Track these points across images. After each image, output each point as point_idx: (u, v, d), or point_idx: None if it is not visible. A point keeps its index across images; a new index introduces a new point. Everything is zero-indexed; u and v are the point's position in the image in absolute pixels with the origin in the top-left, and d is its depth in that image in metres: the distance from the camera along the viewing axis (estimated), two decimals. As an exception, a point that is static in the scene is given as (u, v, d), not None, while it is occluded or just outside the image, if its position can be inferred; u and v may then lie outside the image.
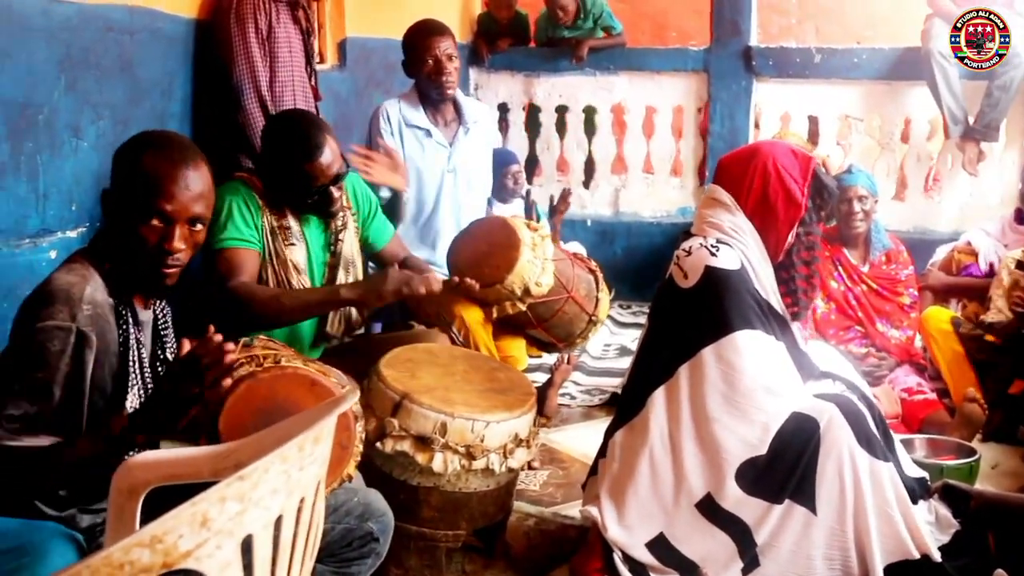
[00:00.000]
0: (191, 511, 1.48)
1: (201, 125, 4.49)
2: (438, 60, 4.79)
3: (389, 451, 3.28)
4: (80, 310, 2.47)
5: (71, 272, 2.54)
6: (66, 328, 2.44)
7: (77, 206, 3.67)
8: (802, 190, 3.39)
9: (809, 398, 3.33)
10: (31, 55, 3.43)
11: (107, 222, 2.66)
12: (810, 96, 7.61)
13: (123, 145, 2.67)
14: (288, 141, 3.64)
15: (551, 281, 4.18)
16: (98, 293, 2.53)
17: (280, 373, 2.75)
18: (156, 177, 2.55)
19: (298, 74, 4.59)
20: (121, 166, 2.62)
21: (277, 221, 3.69)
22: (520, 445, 3.44)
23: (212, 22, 4.46)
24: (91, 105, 3.76)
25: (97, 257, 2.62)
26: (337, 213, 3.81)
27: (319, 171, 3.63)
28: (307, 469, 1.72)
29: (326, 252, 3.85)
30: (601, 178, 8.12)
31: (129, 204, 2.56)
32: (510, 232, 4.19)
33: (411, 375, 3.48)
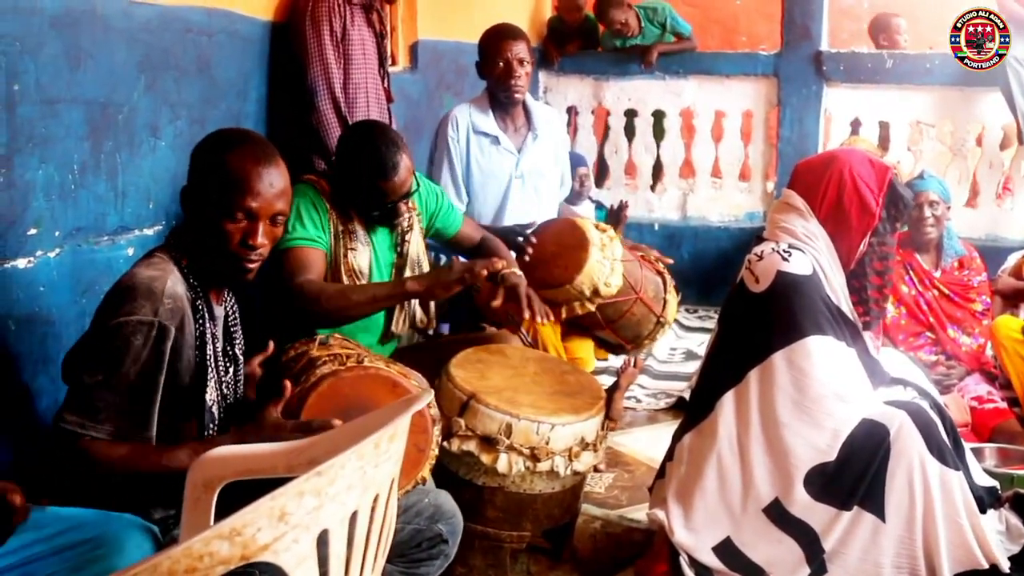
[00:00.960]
0: (270, 505, 1.50)
1: (275, 126, 4.53)
2: (508, 63, 4.79)
3: (455, 450, 3.30)
4: (162, 304, 2.50)
5: (151, 267, 2.58)
6: (148, 322, 2.48)
7: (154, 204, 3.71)
8: (877, 200, 3.35)
9: (879, 405, 3.30)
10: (112, 56, 3.47)
11: (187, 219, 2.69)
12: (881, 102, 7.52)
13: (202, 143, 2.71)
14: (364, 157, 3.66)
15: (620, 282, 4.19)
16: (178, 287, 2.57)
17: (363, 373, 2.79)
18: (241, 175, 2.59)
19: (371, 76, 4.62)
20: (203, 164, 2.65)
21: (343, 225, 3.72)
22: (586, 448, 3.43)
23: (288, 24, 4.51)
24: (169, 105, 3.81)
25: (176, 252, 2.65)
26: (403, 222, 3.84)
27: (391, 189, 3.66)
28: (382, 466, 1.73)
29: (392, 252, 3.87)
30: (669, 182, 8.09)
31: (213, 201, 2.59)
32: (579, 233, 4.20)
33: (480, 376, 3.49)
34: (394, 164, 3.64)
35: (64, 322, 3.24)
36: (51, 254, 3.21)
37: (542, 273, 4.07)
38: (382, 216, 3.75)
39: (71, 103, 3.28)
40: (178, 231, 2.73)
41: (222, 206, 2.59)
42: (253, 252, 2.64)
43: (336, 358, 2.83)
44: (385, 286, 3.69)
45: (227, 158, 2.61)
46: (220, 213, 2.60)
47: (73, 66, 3.27)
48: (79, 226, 3.34)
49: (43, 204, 3.17)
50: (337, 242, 3.69)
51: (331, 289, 3.60)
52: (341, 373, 2.75)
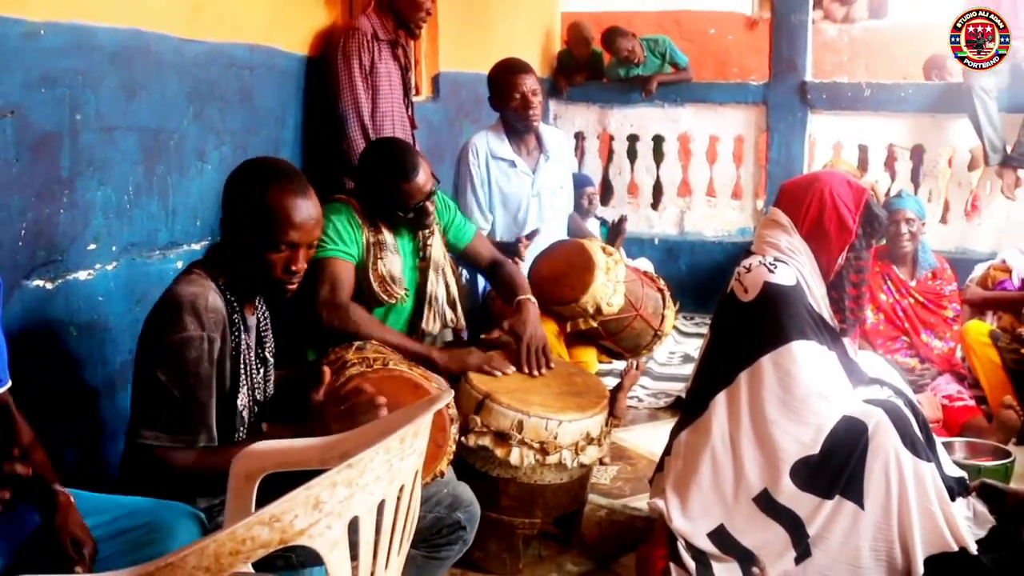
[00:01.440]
0: (306, 494, 1.51)
1: (310, 151, 4.55)
2: (525, 96, 4.77)
3: (472, 445, 3.32)
4: (207, 318, 2.51)
5: (192, 283, 2.58)
6: (199, 336, 2.49)
7: (201, 222, 3.73)
8: (854, 218, 3.36)
9: (859, 403, 3.30)
10: (164, 88, 3.49)
11: (228, 244, 2.68)
12: (860, 127, 7.52)
13: (238, 177, 2.69)
14: (387, 164, 3.66)
15: (622, 301, 4.19)
16: (217, 301, 2.58)
17: (387, 375, 2.80)
18: (282, 211, 2.58)
19: (397, 105, 4.63)
20: (242, 199, 2.63)
21: (374, 237, 3.71)
22: (591, 443, 3.44)
23: (322, 59, 4.53)
24: (215, 132, 3.82)
25: (213, 270, 2.66)
26: (430, 226, 3.84)
27: (415, 189, 3.65)
28: (407, 459, 1.74)
29: (416, 257, 3.86)
30: (668, 200, 8.08)
31: (255, 234, 2.59)
32: (586, 256, 4.20)
33: (495, 378, 3.50)
34: (414, 165, 3.64)
35: (120, 329, 3.25)
36: (108, 267, 3.23)
37: (551, 290, 4.09)
38: (413, 219, 3.73)
39: (127, 131, 3.30)
40: (217, 249, 2.73)
41: (266, 239, 2.59)
42: (295, 277, 2.66)
43: (365, 360, 2.84)
44: (414, 343, 3.66)
45: (267, 194, 2.59)
46: (263, 245, 2.60)
47: (129, 97, 3.30)
48: (133, 241, 3.36)
49: (101, 222, 3.19)
50: (368, 253, 3.67)
51: (369, 325, 3.56)
52: (368, 374, 2.76)
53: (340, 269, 3.61)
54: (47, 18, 2.89)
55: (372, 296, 3.68)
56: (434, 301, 3.85)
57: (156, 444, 2.44)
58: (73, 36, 3.01)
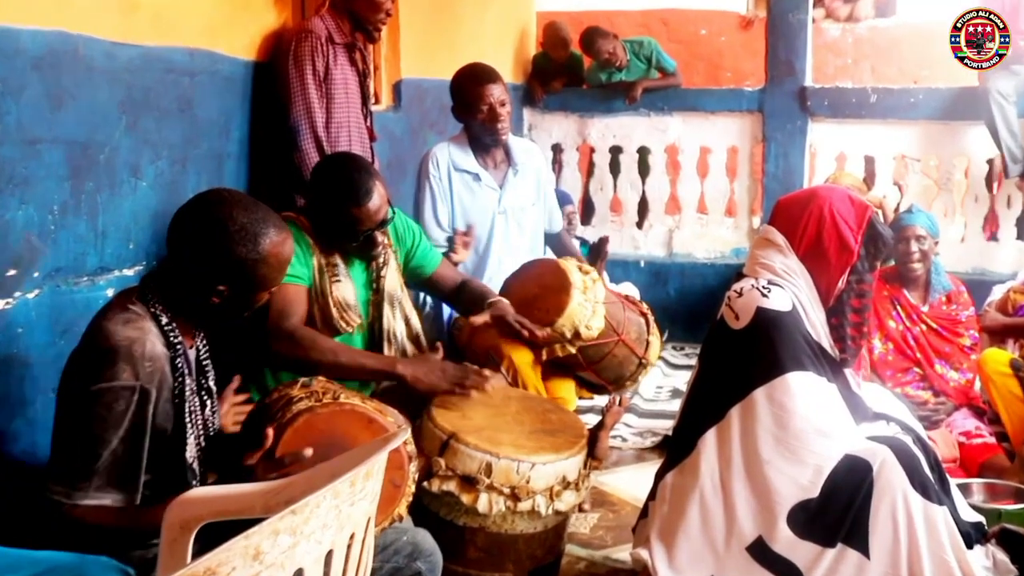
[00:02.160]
0: (244, 544, 1.51)
1: (257, 165, 4.56)
2: (492, 108, 4.79)
3: (436, 490, 3.31)
4: (142, 368, 2.54)
5: (129, 325, 2.59)
6: (130, 387, 2.52)
7: (135, 244, 3.72)
8: (856, 238, 3.39)
9: (862, 440, 3.32)
10: (94, 96, 3.49)
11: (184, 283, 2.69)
12: (866, 136, 7.60)
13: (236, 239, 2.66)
14: (338, 185, 3.68)
15: (601, 324, 4.19)
16: (157, 347, 2.60)
17: (338, 409, 2.80)
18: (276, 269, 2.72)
19: (354, 115, 4.66)
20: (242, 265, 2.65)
21: (326, 259, 3.73)
22: (568, 487, 3.44)
23: (270, 64, 4.55)
24: (150, 145, 3.83)
25: (153, 306, 2.66)
26: (379, 256, 3.85)
27: (366, 216, 3.67)
28: (357, 505, 1.75)
29: (369, 290, 3.88)
30: (655, 218, 8.13)
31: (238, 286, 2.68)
32: (561, 275, 4.21)
33: (462, 415, 3.51)
34: (367, 190, 3.66)
35: (42, 364, 3.25)
36: (30, 295, 3.22)
37: (524, 314, 4.09)
38: (359, 247, 3.76)
39: (52, 143, 3.30)
40: (155, 279, 2.73)
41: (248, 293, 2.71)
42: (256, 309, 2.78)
43: (313, 395, 2.85)
44: (374, 358, 3.69)
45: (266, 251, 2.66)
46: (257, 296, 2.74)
47: (55, 106, 3.30)
48: (58, 267, 3.35)
49: (22, 245, 3.18)
50: (322, 276, 3.70)
51: (324, 345, 3.60)
52: (316, 409, 2.77)
53: (290, 294, 3.62)
54: (-38, 20, 2.90)
55: (328, 323, 3.70)
56: (393, 337, 3.88)
57: (66, 501, 2.46)
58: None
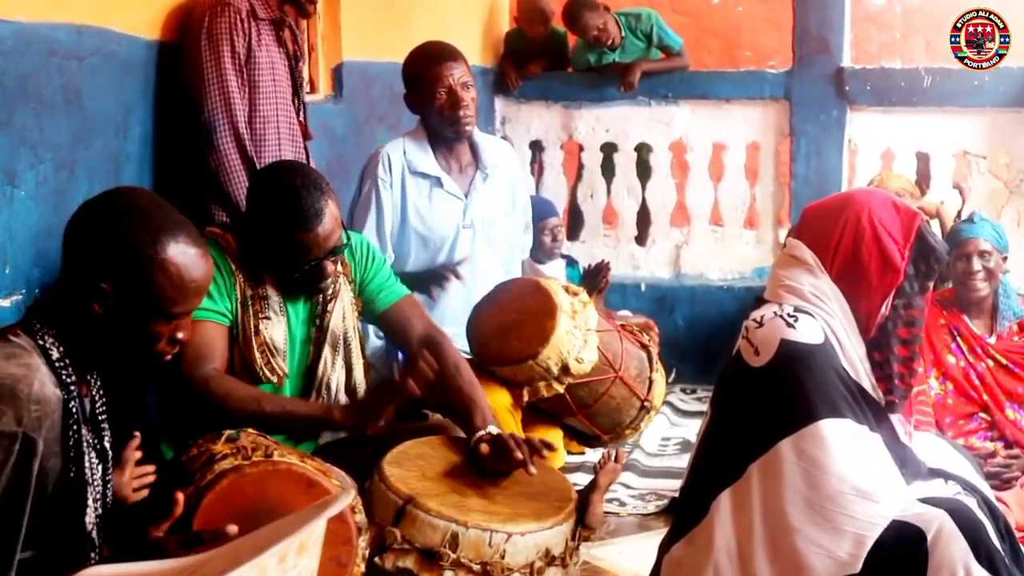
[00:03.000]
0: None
1: (163, 169, 4.56)
2: (452, 91, 4.83)
3: (390, 567, 3.32)
4: (27, 412, 2.49)
5: (12, 361, 2.57)
6: (11, 434, 2.46)
7: (12, 269, 3.68)
8: (902, 253, 3.38)
9: (913, 503, 3.32)
10: (-43, 86, 3.51)
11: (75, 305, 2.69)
12: (918, 128, 7.62)
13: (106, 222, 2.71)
14: (280, 205, 3.68)
15: (594, 357, 4.18)
16: (47, 388, 2.56)
17: (271, 469, 2.82)
18: (181, 275, 2.67)
19: (283, 107, 4.66)
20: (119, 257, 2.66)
21: (252, 290, 3.74)
22: (552, 563, 3.46)
23: (178, 45, 4.54)
24: (29, 145, 3.80)
25: (42, 339, 2.66)
26: (327, 289, 3.87)
27: (314, 242, 3.67)
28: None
29: (310, 326, 3.90)
30: (658, 232, 8.17)
31: (139, 301, 2.65)
32: (544, 297, 4.22)
33: (421, 475, 3.52)
34: (317, 211, 3.65)
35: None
36: None
37: (500, 346, 4.09)
38: (304, 278, 3.76)
39: (-96, 143, 3.31)
40: (45, 308, 2.74)
41: (157, 308, 2.67)
42: (176, 347, 2.74)
43: (240, 451, 2.86)
44: (305, 406, 3.75)
45: (162, 252, 2.66)
46: (151, 314, 2.67)
47: (-94, 98, 3.32)
48: (-86, 296, 3.36)
49: None
50: (245, 311, 3.71)
51: (242, 394, 3.61)
52: (244, 469, 2.78)
53: (208, 335, 3.63)
54: None
55: (248, 370, 3.72)
56: (326, 389, 3.89)
57: None
58: None
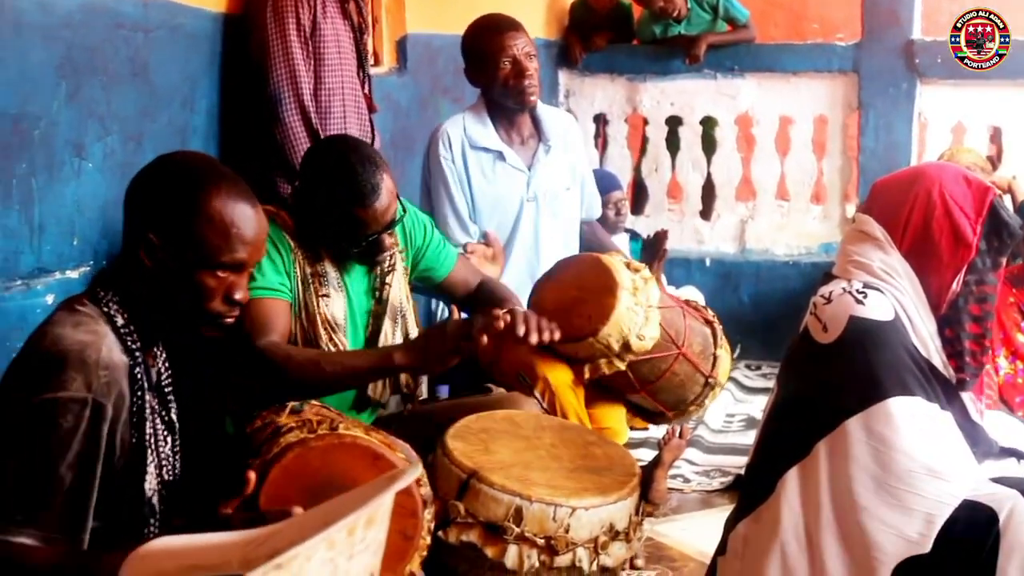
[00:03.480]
0: (219, 605, 1.54)
1: (229, 142, 4.59)
2: (517, 61, 4.83)
3: (453, 541, 3.32)
4: (96, 377, 2.50)
5: (80, 328, 2.58)
6: (80, 400, 2.47)
7: (79, 240, 3.73)
8: (974, 228, 3.35)
9: (985, 483, 3.30)
10: (25, 58, 3.50)
11: (135, 267, 2.70)
12: (990, 102, 7.56)
13: (156, 175, 2.75)
14: (337, 181, 3.68)
15: (656, 334, 4.16)
16: (114, 354, 2.57)
17: (337, 442, 2.82)
18: (227, 220, 2.65)
19: (348, 80, 4.67)
20: (169, 204, 2.67)
21: (311, 267, 3.76)
22: (616, 538, 3.45)
23: (244, 17, 4.57)
24: (97, 118, 3.84)
25: (108, 306, 2.67)
26: (384, 261, 3.89)
27: (372, 217, 3.68)
28: (357, 558, 1.77)
29: (370, 299, 3.92)
30: (723, 206, 8.13)
31: (190, 251, 2.64)
32: (605, 273, 4.20)
33: (484, 449, 3.52)
34: (374, 186, 3.66)
35: (-36, 390, 3.25)
36: (-52, 303, 3.26)
37: (561, 323, 4.07)
38: (362, 253, 3.78)
39: (-27, 117, 3.33)
40: (109, 276, 2.75)
41: (202, 257, 2.64)
42: (235, 310, 2.72)
43: (305, 425, 2.86)
44: (365, 356, 3.72)
45: (205, 198, 2.64)
46: (198, 264, 2.65)
47: (-24, 70, 3.33)
48: (-16, 268, 3.38)
49: (-61, 241, 3.21)
50: (306, 288, 3.73)
51: (301, 357, 3.62)
52: (310, 442, 2.78)
53: (267, 309, 3.64)
54: None
55: (312, 346, 3.73)
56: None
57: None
58: None
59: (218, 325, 2.72)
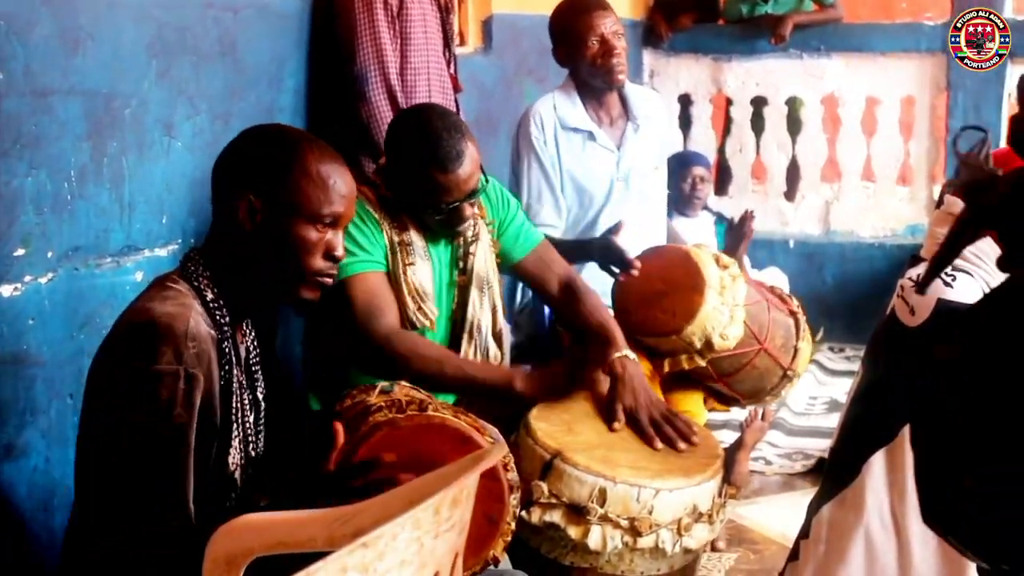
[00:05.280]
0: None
1: (316, 120, 4.61)
2: (605, 40, 4.81)
3: (536, 522, 3.32)
4: (188, 349, 2.49)
5: (168, 301, 2.58)
6: (173, 372, 2.46)
7: (168, 218, 3.76)
8: None
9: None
10: (118, 37, 3.52)
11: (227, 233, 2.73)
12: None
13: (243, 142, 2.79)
14: (421, 146, 3.66)
15: (740, 333, 4.10)
16: (201, 326, 2.57)
17: (426, 423, 2.82)
18: (322, 174, 2.69)
19: (434, 59, 4.68)
20: (272, 166, 2.71)
21: (398, 235, 3.76)
22: (700, 520, 3.44)
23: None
24: (186, 97, 3.86)
25: (197, 281, 2.68)
26: (466, 231, 3.87)
27: (454, 184, 3.65)
28: (443, 537, 1.77)
29: (454, 269, 3.91)
30: (808, 188, 8.09)
31: (293, 206, 2.67)
32: (693, 270, 4.15)
33: (568, 429, 3.52)
34: (458, 152, 3.63)
35: (57, 363, 3.27)
36: (42, 280, 3.26)
37: (643, 316, 4.05)
38: (443, 222, 3.76)
39: (67, 95, 3.34)
40: (198, 252, 2.77)
41: (304, 211, 2.67)
42: (335, 269, 2.76)
43: (395, 405, 2.87)
44: (487, 371, 3.74)
45: (302, 155, 2.69)
46: (300, 219, 2.67)
47: (70, 50, 3.34)
48: (76, 245, 3.39)
49: (32, 219, 3.21)
50: (394, 257, 3.72)
51: (427, 353, 3.63)
52: (399, 422, 2.79)
53: (374, 286, 3.66)
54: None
55: (402, 317, 3.73)
56: (476, 331, 3.89)
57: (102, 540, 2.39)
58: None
59: (317, 283, 2.73)
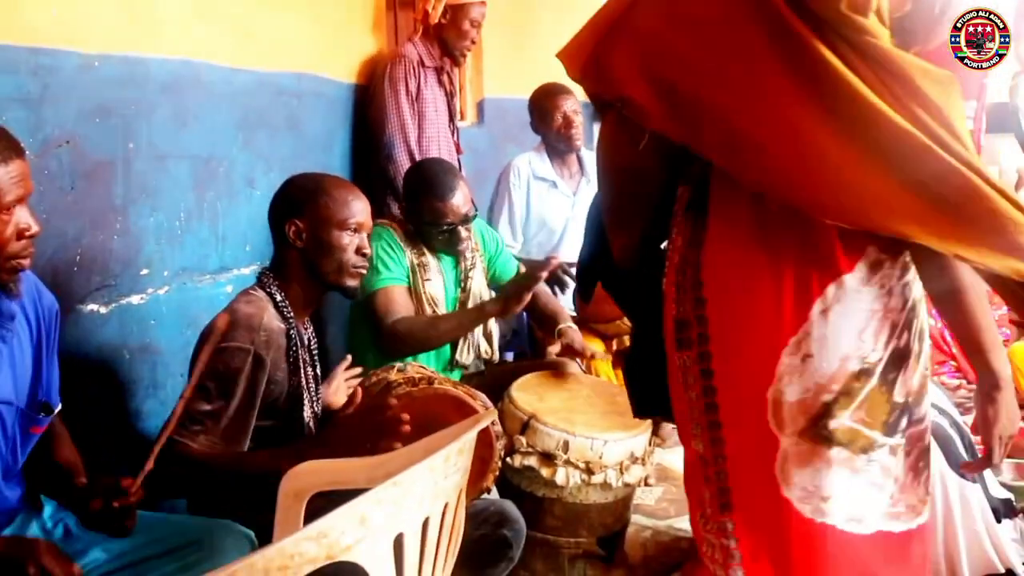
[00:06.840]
0: (352, 511, 1.54)
1: (357, 176, 4.61)
2: (566, 116, 4.90)
3: (518, 465, 3.32)
4: (258, 336, 2.58)
5: (250, 303, 2.67)
6: (245, 350, 2.55)
7: (251, 247, 3.78)
8: None
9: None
10: (214, 116, 3.55)
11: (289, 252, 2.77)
12: None
13: (291, 191, 2.84)
14: (424, 181, 3.74)
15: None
16: (273, 321, 2.65)
17: (433, 393, 2.84)
18: (340, 193, 2.78)
19: (443, 130, 4.70)
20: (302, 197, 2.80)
21: (417, 258, 3.76)
22: (636, 462, 3.44)
23: (369, 86, 4.60)
24: (263, 159, 3.88)
25: (269, 290, 2.73)
26: (465, 251, 3.86)
27: (449, 210, 3.70)
28: (451, 477, 1.77)
29: (457, 288, 3.90)
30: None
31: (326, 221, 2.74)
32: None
33: (539, 398, 3.52)
34: (451, 186, 3.71)
35: (171, 352, 3.31)
36: (160, 291, 3.28)
37: (595, 309, 4.09)
38: (446, 242, 3.77)
39: (178, 158, 3.36)
40: (270, 269, 2.81)
41: (334, 223, 2.74)
42: (366, 261, 2.80)
43: (410, 381, 2.88)
44: (468, 312, 3.76)
45: (326, 186, 2.79)
46: (333, 228, 2.74)
47: (180, 126, 3.36)
48: (185, 266, 3.41)
49: (153, 247, 3.24)
50: (414, 275, 3.74)
51: (421, 323, 3.65)
52: (414, 393, 2.81)
53: (396, 294, 3.67)
54: (101, 50, 2.96)
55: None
56: (470, 335, 3.88)
57: (175, 439, 2.42)
58: (126, 67, 3.07)
59: (356, 273, 2.79)
